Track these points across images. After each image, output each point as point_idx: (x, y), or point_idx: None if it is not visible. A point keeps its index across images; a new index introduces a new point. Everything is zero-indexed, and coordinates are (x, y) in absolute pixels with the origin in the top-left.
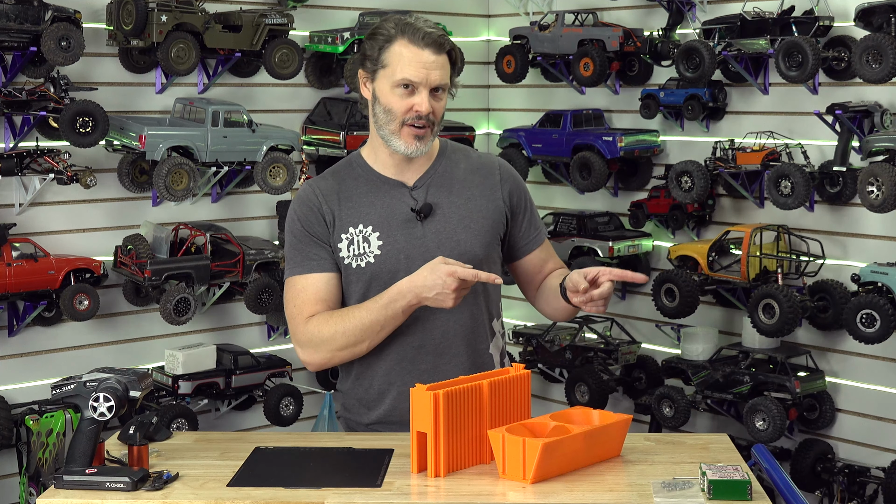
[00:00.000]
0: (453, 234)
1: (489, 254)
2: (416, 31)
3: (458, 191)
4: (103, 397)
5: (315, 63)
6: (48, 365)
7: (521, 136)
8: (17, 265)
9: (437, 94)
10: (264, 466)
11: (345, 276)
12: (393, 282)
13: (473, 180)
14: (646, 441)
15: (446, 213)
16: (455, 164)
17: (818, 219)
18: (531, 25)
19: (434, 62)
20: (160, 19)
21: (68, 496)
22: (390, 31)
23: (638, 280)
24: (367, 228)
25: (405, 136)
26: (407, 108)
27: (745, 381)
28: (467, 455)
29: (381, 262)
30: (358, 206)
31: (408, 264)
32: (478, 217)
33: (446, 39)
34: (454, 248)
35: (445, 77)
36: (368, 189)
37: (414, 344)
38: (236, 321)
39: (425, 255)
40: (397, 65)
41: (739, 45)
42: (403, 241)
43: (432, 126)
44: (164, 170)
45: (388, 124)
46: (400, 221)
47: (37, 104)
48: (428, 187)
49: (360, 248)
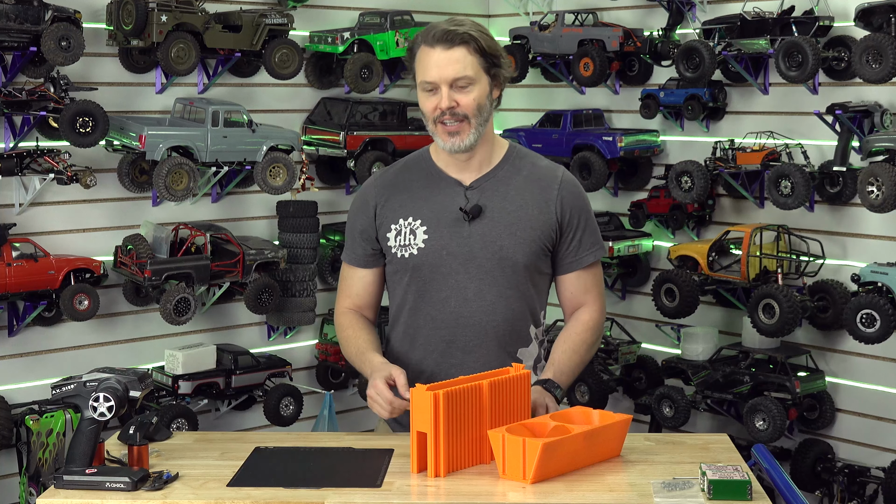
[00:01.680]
0: (498, 238)
1: (532, 263)
2: (429, 32)
3: (512, 197)
4: (103, 397)
5: (315, 63)
6: (48, 365)
7: (521, 136)
8: (17, 265)
9: (463, 88)
10: (264, 466)
11: (392, 263)
12: (433, 276)
13: (531, 189)
14: (646, 441)
15: (495, 217)
16: (517, 171)
17: (818, 219)
18: (531, 25)
19: (445, 58)
20: (160, 19)
21: (68, 496)
22: (416, 38)
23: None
24: (415, 222)
25: (440, 133)
26: (433, 108)
27: (745, 381)
28: (467, 455)
29: (423, 255)
30: (412, 199)
31: (448, 261)
32: (526, 226)
33: (457, 33)
34: (496, 253)
35: (464, 69)
36: (426, 183)
37: (446, 338)
38: (236, 321)
39: (468, 255)
40: (419, 70)
41: (739, 45)
42: (448, 239)
43: (467, 120)
44: (164, 170)
45: (427, 125)
46: (449, 219)
47: (37, 104)
48: (483, 189)
49: (405, 239)
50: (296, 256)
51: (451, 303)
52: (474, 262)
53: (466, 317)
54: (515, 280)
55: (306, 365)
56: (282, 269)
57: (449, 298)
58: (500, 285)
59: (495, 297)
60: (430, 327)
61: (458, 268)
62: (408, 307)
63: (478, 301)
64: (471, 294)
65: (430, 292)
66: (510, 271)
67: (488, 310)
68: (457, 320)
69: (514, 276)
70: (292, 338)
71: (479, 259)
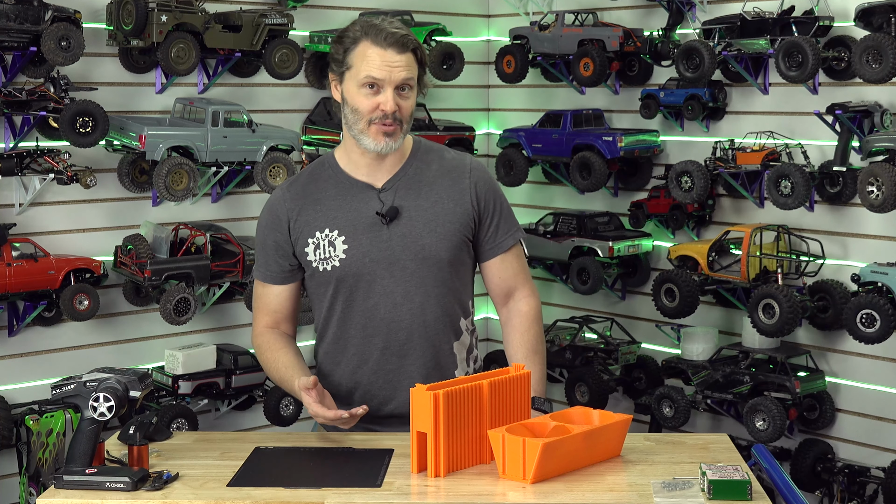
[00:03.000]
0: (419, 237)
1: (456, 256)
2: (380, 32)
3: (426, 193)
4: (103, 397)
5: (315, 63)
6: (48, 365)
7: (521, 136)
8: (17, 265)
9: (404, 93)
10: (264, 466)
11: (313, 278)
12: (358, 285)
13: (443, 182)
14: (646, 441)
15: (413, 216)
16: (427, 166)
17: (818, 219)
18: (531, 25)
19: (398, 61)
20: (160, 19)
21: (68, 496)
22: (356, 33)
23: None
24: (332, 232)
25: (373, 133)
26: (373, 107)
27: (745, 381)
28: (467, 455)
29: (346, 266)
30: (325, 209)
31: (372, 268)
32: (444, 220)
33: (410, 39)
34: (419, 252)
35: (411, 74)
36: (337, 192)
37: (378, 345)
38: (236, 321)
39: (390, 259)
40: (361, 65)
41: (739, 45)
42: (368, 245)
43: (401, 124)
44: (164, 170)
45: (356, 124)
46: (366, 225)
47: (37, 104)
48: (396, 189)
49: (325, 252)
50: None
51: (380, 309)
52: (398, 265)
53: (398, 321)
54: (441, 276)
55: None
56: None
57: (378, 305)
58: (427, 284)
59: (423, 296)
60: (361, 336)
61: (383, 273)
62: (335, 318)
63: (407, 304)
64: (399, 297)
65: (358, 301)
66: (435, 269)
67: (418, 311)
68: (388, 325)
69: (439, 273)
70: None
71: (402, 261)
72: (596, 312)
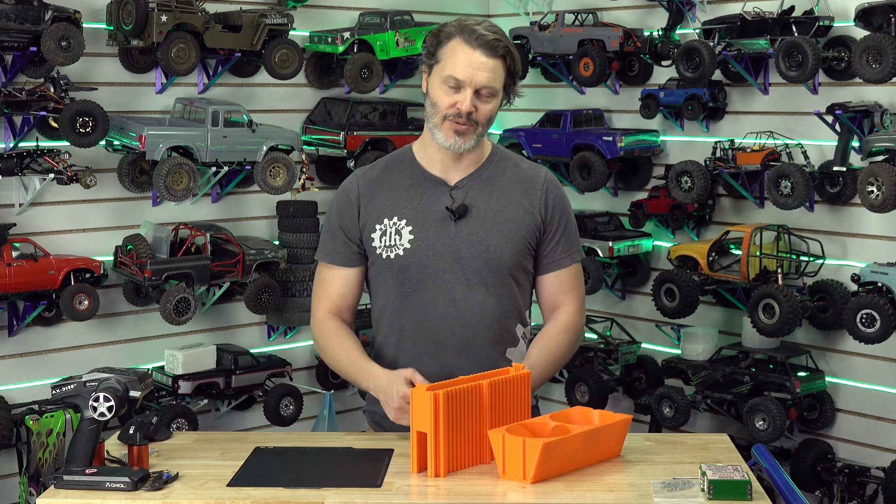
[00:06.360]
0: (484, 237)
1: (518, 262)
2: (472, 33)
3: (497, 196)
4: (103, 397)
5: (315, 63)
6: (48, 365)
7: (521, 136)
8: (17, 265)
9: (484, 97)
10: (264, 466)
11: (376, 264)
12: (421, 276)
13: (516, 189)
14: (646, 441)
15: (481, 216)
16: (501, 171)
17: (818, 219)
18: (531, 25)
19: (483, 64)
20: (160, 19)
21: (68, 496)
22: (451, 29)
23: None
24: (400, 222)
25: (446, 129)
26: (450, 104)
27: (745, 381)
28: (467, 455)
29: (409, 256)
30: (396, 198)
31: (435, 261)
32: (512, 225)
33: (501, 45)
34: (483, 252)
35: (494, 80)
36: (410, 183)
37: (435, 340)
38: (236, 321)
39: (455, 255)
40: (448, 61)
41: (739, 45)
42: (434, 238)
43: (476, 126)
44: (164, 170)
45: (432, 116)
46: (434, 219)
47: (37, 104)
48: (468, 189)
49: (391, 239)
50: (296, 256)
51: (439, 304)
52: (461, 262)
53: (455, 318)
54: (502, 279)
55: (306, 365)
56: (282, 269)
57: (437, 300)
58: (488, 285)
59: (483, 297)
60: (418, 330)
61: (446, 268)
62: (390, 310)
63: (466, 302)
64: (459, 295)
65: (417, 294)
66: (497, 271)
67: (477, 310)
68: (445, 321)
69: (500, 276)
70: (292, 338)
71: (465, 259)
72: (596, 312)
